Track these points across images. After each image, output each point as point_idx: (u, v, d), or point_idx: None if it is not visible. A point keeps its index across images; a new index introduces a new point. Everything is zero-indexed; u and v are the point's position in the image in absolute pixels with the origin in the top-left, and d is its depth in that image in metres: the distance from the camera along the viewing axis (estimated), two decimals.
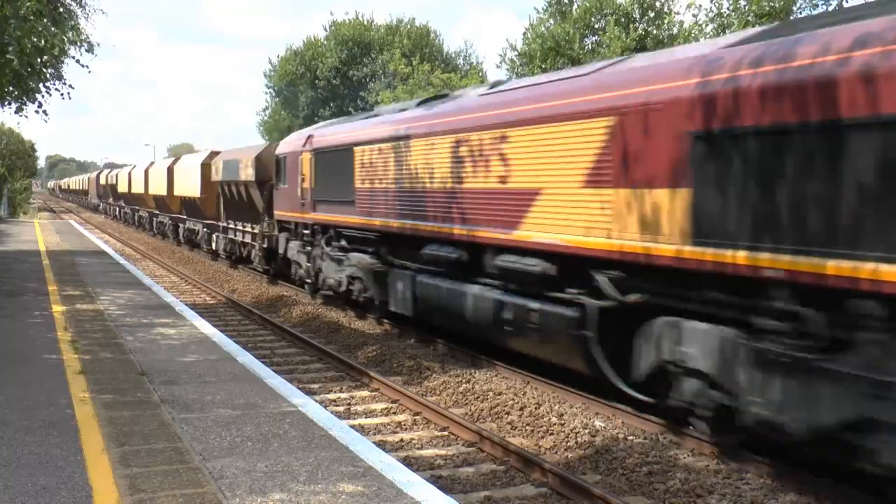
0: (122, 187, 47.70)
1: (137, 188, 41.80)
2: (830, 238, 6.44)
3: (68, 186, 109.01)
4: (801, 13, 27.19)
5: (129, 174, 44.76)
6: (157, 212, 38.48)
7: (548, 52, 37.88)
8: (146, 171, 38.93)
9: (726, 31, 26.74)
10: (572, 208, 9.44)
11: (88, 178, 79.36)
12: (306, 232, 17.91)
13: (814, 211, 6.58)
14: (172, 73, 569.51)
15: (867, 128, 6.17)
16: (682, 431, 8.70)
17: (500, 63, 41.38)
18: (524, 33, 40.33)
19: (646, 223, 8.33)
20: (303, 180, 17.54)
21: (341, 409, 10.08)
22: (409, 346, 13.62)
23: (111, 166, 75.51)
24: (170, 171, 33.00)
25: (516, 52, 40.41)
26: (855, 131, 6.27)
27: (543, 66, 37.40)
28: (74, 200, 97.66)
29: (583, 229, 9.23)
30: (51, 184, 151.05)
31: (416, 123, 13.18)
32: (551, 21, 39.77)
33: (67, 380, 8.48)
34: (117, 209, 55.66)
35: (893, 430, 6.07)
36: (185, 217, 32.11)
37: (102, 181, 61.12)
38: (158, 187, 35.52)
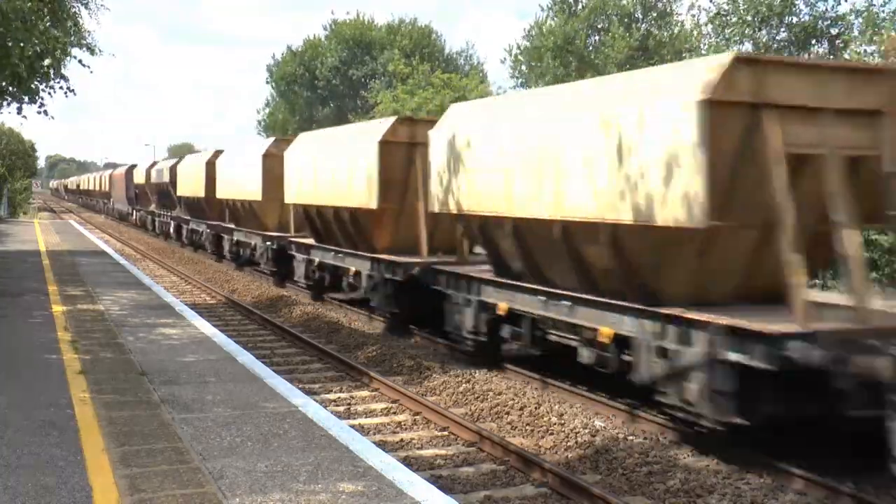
0: (188, 188, 29.81)
1: (230, 191, 24.28)
2: None
3: (77, 186, 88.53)
4: (799, 15, 27.29)
5: (208, 166, 26.91)
6: (300, 240, 19.12)
7: (557, 49, 37.85)
8: (264, 160, 21.35)
9: (725, 30, 26.77)
10: None
11: (110, 176, 57.14)
12: None
13: None
14: (173, 74, 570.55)
15: None
16: (682, 431, 8.70)
17: (505, 59, 41.48)
18: (530, 30, 40.43)
19: None
20: None
21: (341, 408, 10.08)
22: (409, 346, 13.62)
23: (111, 166, 73.11)
24: (352, 155, 15.56)
25: (520, 50, 40.45)
26: None
27: (554, 64, 37.36)
28: (86, 205, 78.61)
29: None
30: (53, 184, 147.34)
31: None
32: (557, 18, 39.86)
33: (68, 380, 8.48)
34: (172, 225, 34.26)
35: None
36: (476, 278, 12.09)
37: (139, 178, 41.62)
38: (305, 191, 18.10)
